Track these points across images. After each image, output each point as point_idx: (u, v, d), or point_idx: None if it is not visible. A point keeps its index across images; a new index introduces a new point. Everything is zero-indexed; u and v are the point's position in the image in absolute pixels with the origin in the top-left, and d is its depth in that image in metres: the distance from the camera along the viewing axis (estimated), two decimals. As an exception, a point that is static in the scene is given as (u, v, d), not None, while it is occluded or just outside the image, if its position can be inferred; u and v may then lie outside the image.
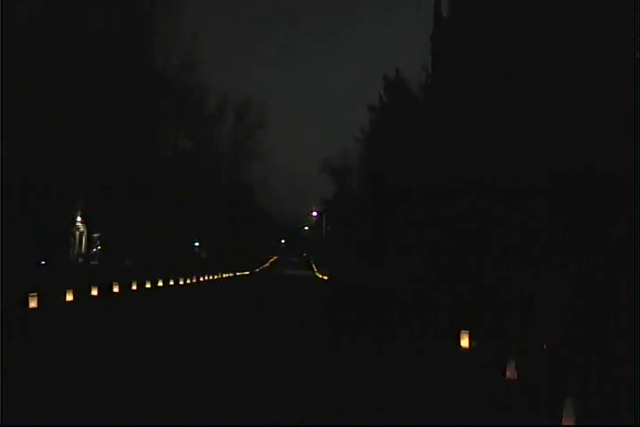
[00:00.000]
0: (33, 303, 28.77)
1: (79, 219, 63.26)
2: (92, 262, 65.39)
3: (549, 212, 28.14)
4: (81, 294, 35.40)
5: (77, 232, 66.25)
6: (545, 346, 23.36)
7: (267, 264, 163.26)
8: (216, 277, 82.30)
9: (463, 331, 23.33)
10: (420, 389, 15.80)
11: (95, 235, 65.66)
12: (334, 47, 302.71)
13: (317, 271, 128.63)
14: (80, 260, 64.74)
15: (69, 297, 33.76)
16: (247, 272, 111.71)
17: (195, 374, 16.02)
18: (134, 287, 46.69)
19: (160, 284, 53.84)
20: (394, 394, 14.93)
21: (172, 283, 57.38)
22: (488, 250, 34.72)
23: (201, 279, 71.31)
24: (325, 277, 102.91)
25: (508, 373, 16.98)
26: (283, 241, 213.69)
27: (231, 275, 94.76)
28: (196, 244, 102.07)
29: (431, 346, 23.37)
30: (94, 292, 38.28)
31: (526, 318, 25.36)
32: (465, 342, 23.09)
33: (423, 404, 14.04)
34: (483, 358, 20.30)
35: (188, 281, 64.24)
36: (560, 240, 27.32)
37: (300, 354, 20.29)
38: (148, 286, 50.02)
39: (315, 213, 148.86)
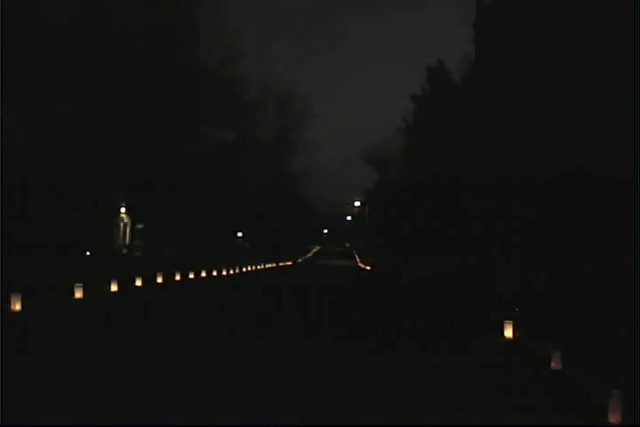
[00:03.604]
0: (78, 294, 29.08)
1: (123, 210, 63.72)
2: (135, 253, 65.89)
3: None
4: (125, 284, 35.72)
5: (121, 223, 66.81)
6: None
7: (309, 255, 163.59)
8: (259, 267, 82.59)
9: (507, 321, 23.19)
10: (463, 376, 15.69)
11: (139, 226, 66.14)
12: (376, 38, 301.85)
13: (360, 262, 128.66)
14: (124, 251, 65.27)
15: (114, 288, 34.08)
16: (290, 263, 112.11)
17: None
18: (178, 278, 46.98)
19: (203, 274, 54.12)
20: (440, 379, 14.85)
21: (214, 273, 57.66)
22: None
23: (244, 270, 71.61)
24: (368, 268, 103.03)
25: (552, 364, 16.84)
26: (325, 231, 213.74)
27: (274, 265, 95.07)
28: (240, 234, 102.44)
29: (475, 337, 23.24)
30: (138, 282, 38.60)
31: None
32: (509, 333, 22.96)
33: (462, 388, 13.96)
34: (527, 348, 20.16)
35: (231, 272, 64.53)
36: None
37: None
38: (191, 276, 50.31)
39: (357, 204, 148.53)
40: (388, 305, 36.27)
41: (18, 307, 23.57)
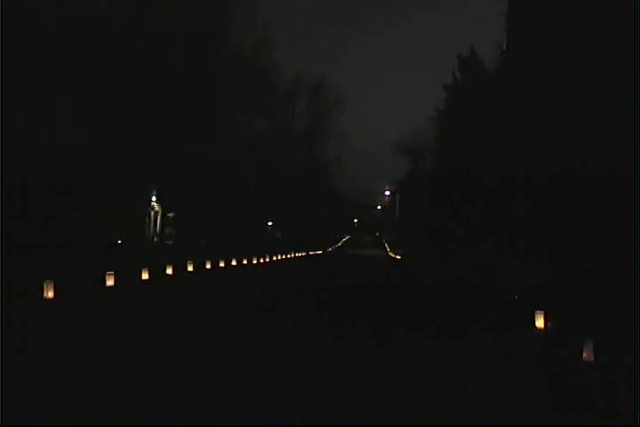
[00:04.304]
0: (110, 281, 29.28)
1: (154, 199, 63.95)
2: (166, 242, 66.17)
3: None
4: (156, 272, 35.92)
5: (152, 212, 67.06)
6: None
7: (339, 244, 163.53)
8: (289, 256, 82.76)
9: (538, 311, 22.98)
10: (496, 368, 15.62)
11: (170, 215, 66.37)
12: (407, 26, 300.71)
13: (390, 251, 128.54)
14: (155, 239, 65.54)
15: (145, 276, 34.29)
16: (319, 252, 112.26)
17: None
18: (208, 266, 47.14)
19: (234, 263, 54.29)
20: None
21: (245, 262, 57.83)
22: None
23: (274, 258, 71.76)
24: (398, 257, 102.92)
25: (584, 354, 16.70)
26: (355, 220, 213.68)
27: (303, 254, 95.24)
28: (270, 223, 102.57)
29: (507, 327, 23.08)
30: (169, 271, 38.81)
31: None
32: (540, 323, 22.76)
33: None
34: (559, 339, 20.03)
35: (261, 260, 64.70)
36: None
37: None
38: (221, 265, 50.46)
39: (387, 193, 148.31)
40: (415, 297, 35.72)
41: (50, 294, 23.76)
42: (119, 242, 52.10)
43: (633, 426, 10.46)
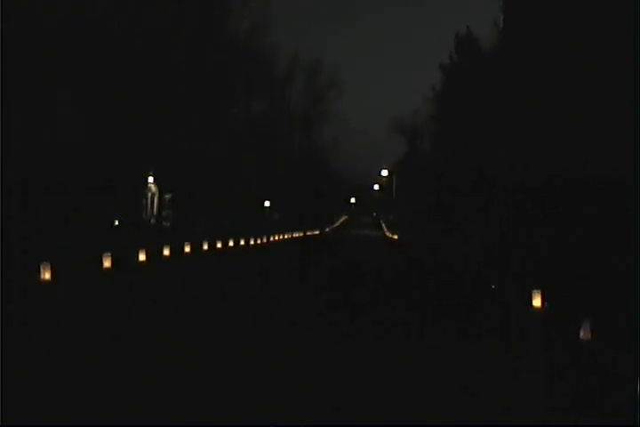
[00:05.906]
0: (107, 263, 29.27)
1: (151, 180, 63.79)
2: (164, 224, 66.10)
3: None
4: (153, 254, 35.93)
5: (149, 193, 66.95)
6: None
7: (337, 224, 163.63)
8: (286, 236, 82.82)
9: (535, 290, 22.98)
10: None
11: (167, 196, 66.27)
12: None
13: (387, 231, 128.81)
14: (152, 221, 65.47)
15: (142, 257, 34.32)
16: (317, 232, 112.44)
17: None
18: (205, 247, 47.15)
19: (231, 244, 54.29)
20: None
21: (242, 243, 57.84)
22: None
23: (271, 239, 71.80)
24: (395, 237, 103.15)
25: (582, 333, 16.72)
26: (353, 200, 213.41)
27: (301, 235, 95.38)
28: (267, 204, 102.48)
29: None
30: (166, 252, 38.82)
31: None
32: (537, 302, 22.78)
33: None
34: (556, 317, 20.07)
35: (259, 241, 64.73)
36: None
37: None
38: (219, 246, 50.45)
39: (384, 173, 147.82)
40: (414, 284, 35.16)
41: (47, 276, 23.77)
42: (116, 223, 52.05)
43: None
